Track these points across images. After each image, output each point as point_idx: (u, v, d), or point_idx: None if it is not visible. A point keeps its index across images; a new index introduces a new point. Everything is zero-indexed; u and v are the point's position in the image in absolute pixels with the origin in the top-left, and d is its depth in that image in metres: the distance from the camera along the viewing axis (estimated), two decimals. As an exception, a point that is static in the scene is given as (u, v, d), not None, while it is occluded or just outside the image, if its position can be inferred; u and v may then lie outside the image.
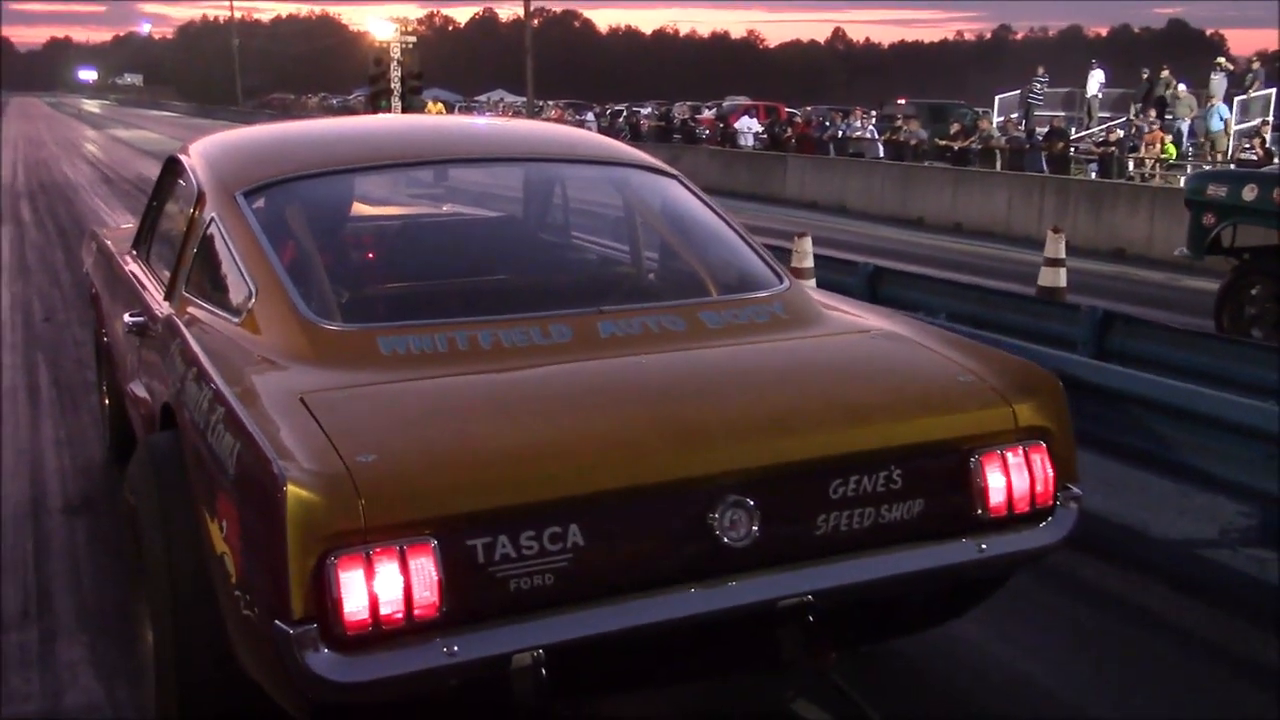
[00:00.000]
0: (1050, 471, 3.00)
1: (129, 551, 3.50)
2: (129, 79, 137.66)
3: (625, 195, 4.19)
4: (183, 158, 4.19)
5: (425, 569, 2.38)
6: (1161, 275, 13.27)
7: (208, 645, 2.79)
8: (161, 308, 3.78)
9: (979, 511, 2.93)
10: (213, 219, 3.53)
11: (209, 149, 4.10)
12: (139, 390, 3.92)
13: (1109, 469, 5.26)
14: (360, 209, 4.43)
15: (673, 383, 2.98)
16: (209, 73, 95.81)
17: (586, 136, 5.10)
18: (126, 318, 3.99)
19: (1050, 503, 3.02)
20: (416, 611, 2.38)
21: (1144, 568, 4.71)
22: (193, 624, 2.82)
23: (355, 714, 2.62)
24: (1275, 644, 4.09)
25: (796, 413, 2.86)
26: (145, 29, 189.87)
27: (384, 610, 2.36)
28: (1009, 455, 2.95)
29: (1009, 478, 2.95)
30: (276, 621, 2.34)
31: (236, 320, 3.22)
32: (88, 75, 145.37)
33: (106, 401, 5.77)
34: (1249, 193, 8.57)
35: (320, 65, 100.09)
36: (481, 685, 2.49)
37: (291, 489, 2.31)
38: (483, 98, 60.54)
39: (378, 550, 2.35)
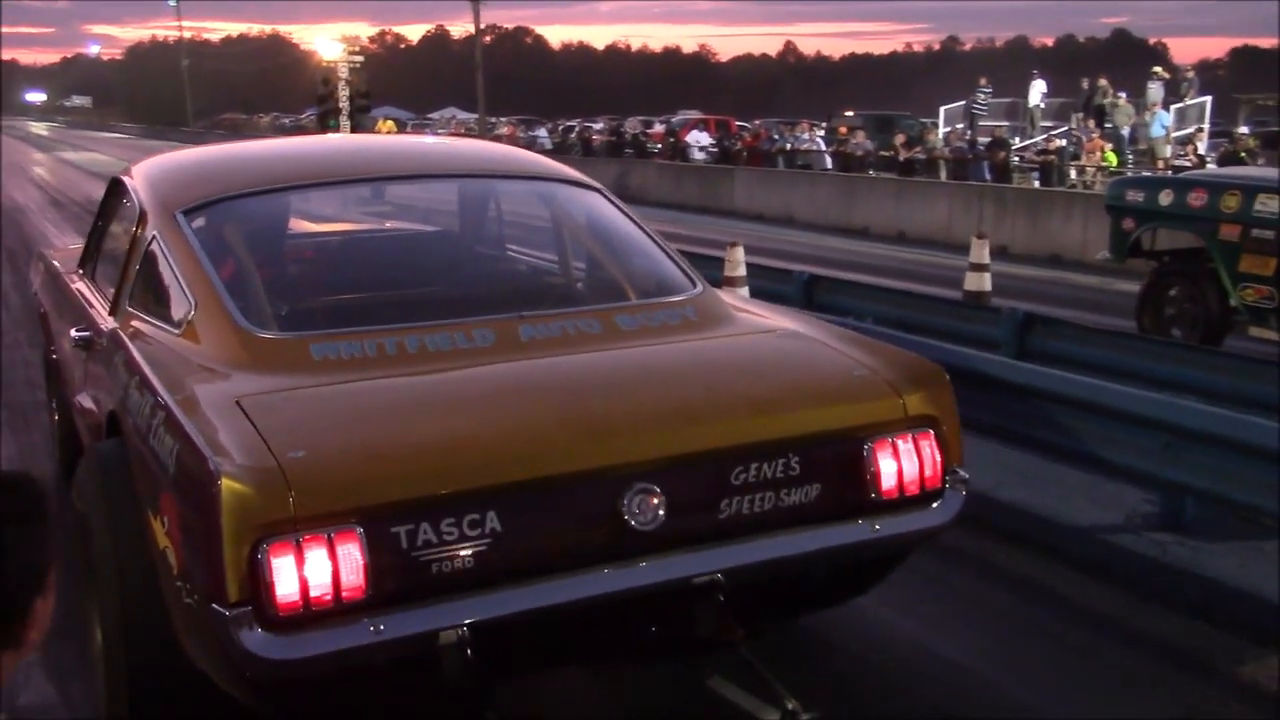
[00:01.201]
0: (938, 456, 3.25)
1: (78, 556, 3.65)
2: (77, 101, 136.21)
3: (552, 208, 4.41)
4: (125, 179, 4.34)
5: (352, 555, 2.58)
6: (1094, 279, 13.61)
7: (156, 640, 2.95)
8: (106, 322, 3.94)
9: (873, 495, 3.16)
10: (154, 237, 3.70)
11: (151, 170, 4.26)
12: (85, 401, 4.07)
13: (1025, 461, 5.56)
14: (301, 225, 4.61)
15: (585, 381, 3.20)
16: (159, 94, 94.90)
17: (517, 153, 5.29)
18: (73, 332, 4.15)
19: (939, 485, 3.26)
20: (344, 594, 2.58)
21: (1054, 552, 4.97)
22: (141, 619, 2.99)
23: (296, 698, 2.81)
24: (1172, 618, 4.36)
25: (699, 406, 3.08)
26: (94, 50, 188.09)
27: (314, 593, 2.55)
28: (899, 442, 3.19)
29: (900, 463, 3.18)
30: (214, 605, 2.53)
31: (177, 332, 3.39)
32: (35, 97, 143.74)
33: (56, 417, 5.89)
34: (1165, 198, 8.88)
35: (272, 85, 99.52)
36: (414, 666, 2.68)
37: (226, 482, 2.51)
38: (435, 115, 60.45)
39: (307, 538, 2.55)
